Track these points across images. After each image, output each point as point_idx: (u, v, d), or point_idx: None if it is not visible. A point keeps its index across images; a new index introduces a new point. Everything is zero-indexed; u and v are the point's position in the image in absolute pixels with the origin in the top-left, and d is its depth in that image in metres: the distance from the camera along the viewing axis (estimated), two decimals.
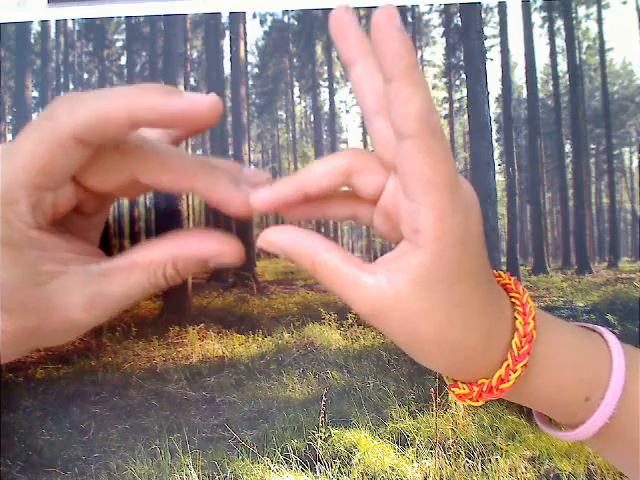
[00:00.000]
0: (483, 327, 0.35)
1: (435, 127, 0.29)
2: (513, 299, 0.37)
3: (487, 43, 0.92)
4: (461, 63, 0.93)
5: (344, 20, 0.37)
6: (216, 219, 0.96)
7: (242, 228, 0.96)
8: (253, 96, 0.95)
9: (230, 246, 0.32)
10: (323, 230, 1.14)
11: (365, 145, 0.97)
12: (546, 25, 0.92)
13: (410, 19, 0.93)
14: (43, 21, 0.91)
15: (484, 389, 0.36)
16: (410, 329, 0.33)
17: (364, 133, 0.98)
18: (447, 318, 0.33)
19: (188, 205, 0.95)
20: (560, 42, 0.92)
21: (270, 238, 0.34)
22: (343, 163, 0.34)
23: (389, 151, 0.33)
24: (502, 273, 0.41)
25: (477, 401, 0.38)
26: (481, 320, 0.34)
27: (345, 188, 0.36)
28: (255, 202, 0.34)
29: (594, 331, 0.43)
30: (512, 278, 0.40)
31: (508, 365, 0.35)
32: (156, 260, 0.31)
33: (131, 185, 0.32)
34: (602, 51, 0.91)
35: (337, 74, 0.97)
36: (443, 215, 0.30)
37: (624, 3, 0.89)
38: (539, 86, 0.92)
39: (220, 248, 0.32)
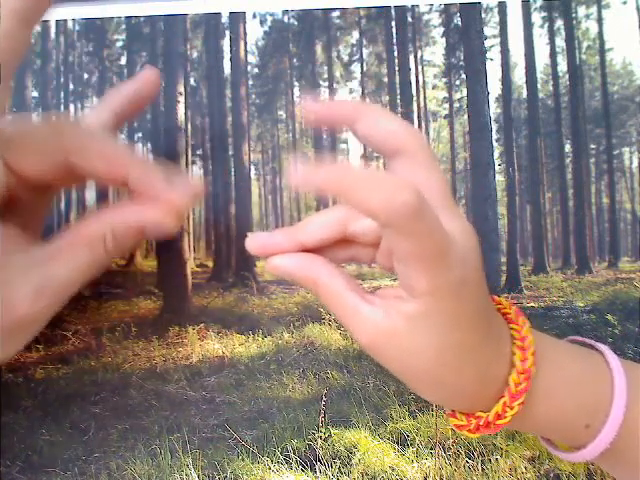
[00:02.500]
0: (478, 367, 0.34)
1: (404, 208, 0.28)
2: (513, 331, 0.37)
3: (487, 43, 0.91)
4: (461, 63, 0.93)
5: (316, 106, 0.36)
6: (216, 219, 0.96)
7: (242, 228, 0.96)
8: (253, 96, 0.95)
9: (169, 214, 0.31)
10: None
11: (365, 147, 0.97)
12: (546, 25, 0.92)
13: (410, 19, 0.93)
14: (43, 21, 0.91)
15: (481, 423, 0.36)
16: (404, 364, 0.34)
17: None
18: (440, 360, 0.33)
19: None
20: (560, 42, 0.92)
21: (276, 263, 0.35)
22: (340, 214, 0.34)
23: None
24: (504, 301, 0.40)
25: (474, 433, 0.38)
26: (476, 361, 0.34)
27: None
28: (250, 245, 0.34)
29: (595, 348, 0.42)
30: (513, 307, 0.39)
31: (505, 402, 0.35)
32: (95, 232, 0.30)
33: (66, 171, 0.31)
34: (602, 51, 0.91)
35: (337, 74, 0.97)
36: (434, 277, 0.31)
37: (624, 3, 0.89)
38: (539, 86, 0.92)
39: (158, 215, 0.31)
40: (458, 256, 0.32)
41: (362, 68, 1.06)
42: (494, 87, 0.89)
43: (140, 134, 1.04)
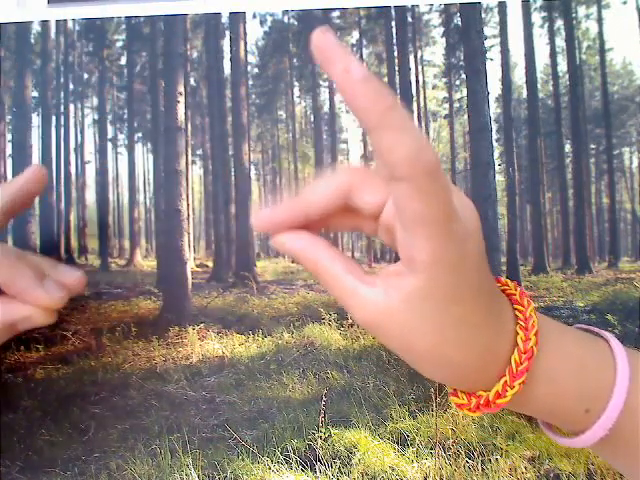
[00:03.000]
0: (480, 345, 0.34)
1: (428, 165, 0.29)
2: (517, 311, 0.37)
3: (487, 43, 0.92)
4: (461, 63, 0.93)
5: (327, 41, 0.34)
6: (216, 219, 0.96)
7: (242, 228, 0.96)
8: (253, 96, 0.95)
9: (38, 311, 0.34)
10: (323, 229, 1.13)
11: (365, 145, 0.97)
12: (546, 25, 0.92)
13: (410, 19, 0.93)
14: (43, 21, 0.91)
15: (481, 402, 0.36)
16: (405, 342, 0.34)
17: (364, 133, 0.98)
18: (440, 337, 0.33)
19: (188, 205, 0.95)
20: (560, 42, 0.92)
21: (282, 239, 0.35)
22: (343, 182, 0.34)
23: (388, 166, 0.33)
24: (510, 282, 0.40)
25: (474, 412, 0.38)
26: (478, 339, 0.34)
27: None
28: (255, 222, 0.35)
29: (600, 336, 0.42)
30: (518, 289, 0.39)
31: (506, 381, 0.35)
32: None
33: None
34: (602, 51, 0.91)
35: None
36: (437, 246, 0.31)
37: (624, 3, 0.89)
38: (539, 86, 0.92)
39: (26, 312, 0.34)
40: (460, 230, 0.32)
41: None
42: (494, 87, 0.89)
43: (140, 134, 1.04)
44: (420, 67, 0.96)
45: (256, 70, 0.93)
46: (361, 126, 0.32)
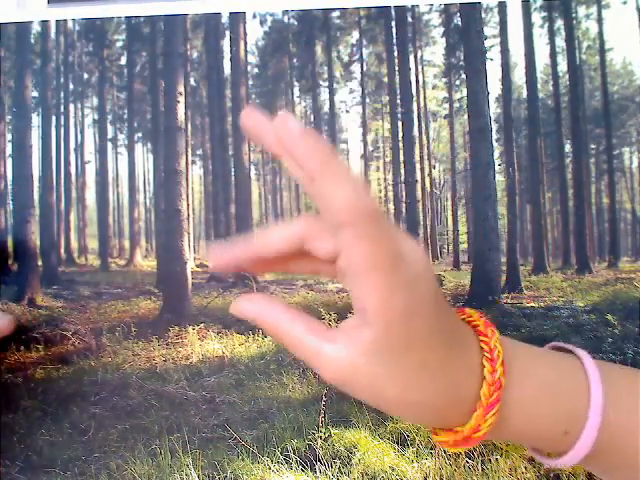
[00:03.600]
0: (445, 384, 0.34)
1: (366, 210, 0.30)
2: (482, 343, 0.37)
3: (487, 43, 0.91)
4: (461, 63, 0.93)
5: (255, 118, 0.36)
6: (216, 219, 0.96)
7: (242, 228, 0.96)
8: (253, 96, 0.95)
9: None
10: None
11: (365, 145, 0.98)
12: (546, 25, 0.92)
13: (410, 19, 0.93)
14: (43, 21, 0.91)
15: (458, 438, 0.36)
16: (374, 392, 0.34)
17: (364, 133, 0.98)
18: (405, 383, 0.34)
19: (188, 205, 0.95)
20: (560, 42, 0.92)
21: (240, 307, 0.36)
22: (297, 230, 0.35)
23: (329, 213, 0.34)
24: (474, 313, 0.40)
25: (455, 448, 0.38)
26: (441, 379, 0.35)
27: None
28: (212, 260, 0.36)
29: (571, 352, 0.42)
30: (482, 319, 0.38)
31: (478, 415, 0.35)
32: None
33: None
34: (602, 51, 0.91)
35: (337, 74, 0.97)
36: (384, 295, 0.31)
37: (624, 3, 0.89)
38: (539, 86, 0.92)
39: None
40: (408, 275, 0.32)
41: (362, 68, 1.06)
42: (494, 87, 0.89)
43: (140, 134, 1.04)
44: (420, 67, 0.96)
45: (256, 70, 0.93)
46: (301, 182, 0.32)
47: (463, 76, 0.89)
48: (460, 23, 0.89)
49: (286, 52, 0.92)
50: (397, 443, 0.83)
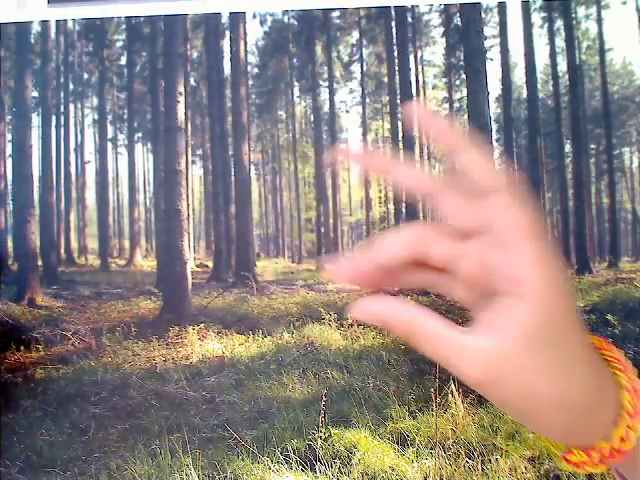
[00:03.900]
0: (597, 383, 0.32)
1: (508, 178, 0.30)
2: (604, 356, 0.35)
3: (487, 43, 0.91)
4: (461, 63, 0.93)
5: (426, 112, 0.37)
6: (216, 219, 0.96)
7: (242, 228, 0.96)
8: (253, 96, 0.95)
9: None
10: (323, 229, 1.13)
11: (365, 145, 0.97)
12: (546, 25, 0.92)
13: (410, 19, 0.93)
14: (43, 21, 0.91)
15: (605, 453, 0.34)
16: (525, 390, 0.31)
17: (364, 133, 0.98)
18: (564, 374, 0.30)
19: (188, 205, 0.95)
20: (560, 42, 0.92)
21: (367, 308, 0.33)
22: (414, 236, 0.33)
23: (464, 218, 0.32)
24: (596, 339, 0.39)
25: (597, 467, 0.35)
26: (594, 376, 0.32)
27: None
28: (334, 274, 0.34)
29: None
30: (595, 335, 0.37)
31: (627, 425, 0.33)
32: None
33: None
34: (602, 51, 0.91)
35: (337, 74, 0.96)
36: (546, 263, 0.29)
37: (624, 3, 0.89)
38: (539, 86, 0.92)
39: None
40: (556, 253, 0.31)
41: (362, 68, 1.06)
42: (494, 87, 0.89)
43: (140, 134, 1.04)
44: (420, 67, 0.96)
45: (256, 70, 0.93)
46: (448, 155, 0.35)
47: (463, 76, 0.89)
48: (460, 23, 0.90)
49: (286, 52, 0.92)
50: (397, 443, 0.83)
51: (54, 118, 0.99)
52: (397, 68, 0.98)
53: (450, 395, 0.98)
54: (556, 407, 0.31)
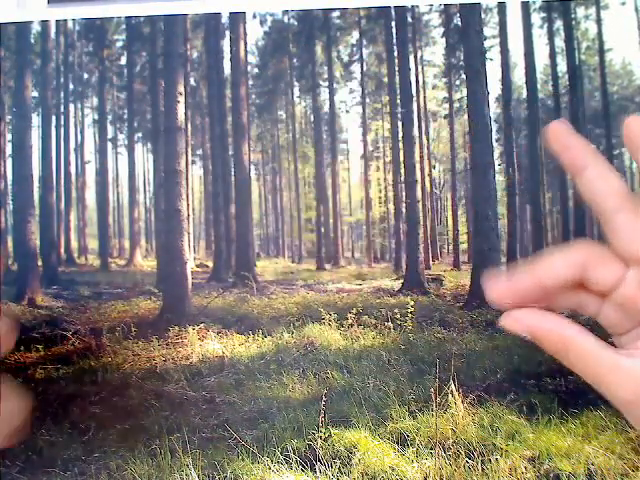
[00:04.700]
0: None
1: None
2: None
3: (487, 43, 0.92)
4: (461, 63, 0.93)
5: (563, 131, 0.36)
6: (216, 219, 0.96)
7: (242, 228, 0.96)
8: (253, 96, 0.95)
9: None
10: (323, 229, 1.13)
11: (365, 145, 0.97)
12: (545, 26, 0.92)
13: (410, 19, 0.93)
14: (43, 21, 0.91)
15: None
16: None
17: (364, 133, 0.98)
18: None
19: (188, 205, 0.95)
20: (559, 42, 0.92)
21: (519, 317, 0.33)
22: (578, 257, 0.34)
23: (635, 244, 0.32)
24: None
25: None
26: None
27: None
28: (494, 294, 0.34)
29: None
30: None
31: None
32: None
33: None
34: (601, 51, 0.91)
35: (337, 74, 0.97)
36: None
37: (623, 4, 0.89)
38: (539, 86, 0.92)
39: None
40: None
41: (362, 68, 1.06)
42: (494, 87, 0.89)
43: (140, 134, 1.04)
44: (420, 67, 0.96)
45: (256, 70, 0.93)
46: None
47: (463, 76, 0.89)
48: (460, 23, 0.90)
49: (286, 52, 0.92)
50: (397, 443, 0.83)
51: (54, 118, 0.99)
52: (397, 68, 0.98)
53: (450, 395, 0.99)
54: None
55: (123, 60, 0.94)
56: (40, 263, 1.10)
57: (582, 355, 0.32)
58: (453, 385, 1.05)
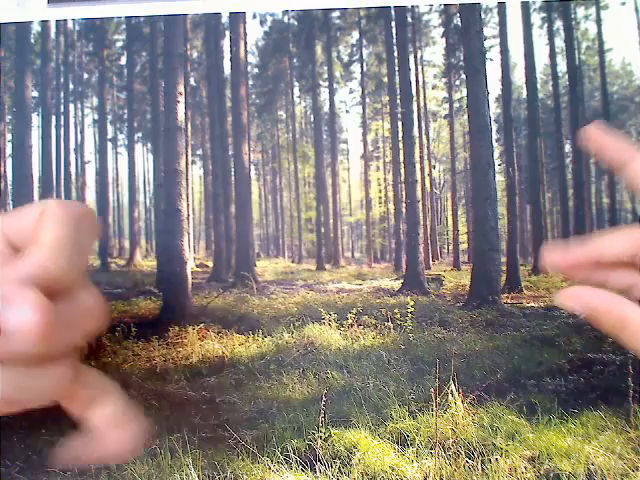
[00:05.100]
0: None
1: None
2: None
3: (487, 43, 0.92)
4: (461, 63, 0.93)
5: (601, 131, 0.38)
6: (216, 219, 0.96)
7: (242, 228, 0.96)
8: (253, 96, 0.95)
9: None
10: (323, 229, 1.13)
11: (365, 145, 0.97)
12: (545, 26, 0.92)
13: (410, 19, 0.93)
14: (43, 21, 0.91)
15: None
16: None
17: (364, 133, 0.98)
18: None
19: (188, 205, 0.95)
20: (559, 42, 0.92)
21: (577, 294, 0.34)
22: (638, 237, 0.35)
23: None
24: None
25: None
26: None
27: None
28: (548, 261, 0.35)
29: None
30: None
31: None
32: None
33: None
34: (601, 51, 0.91)
35: (337, 74, 0.97)
36: None
37: (623, 4, 0.89)
38: (539, 86, 0.92)
39: None
40: None
41: (362, 68, 1.06)
42: (494, 87, 0.89)
43: (140, 134, 1.04)
44: (420, 67, 0.96)
45: (256, 70, 0.93)
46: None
47: (463, 76, 0.89)
48: (460, 23, 0.90)
49: (286, 52, 0.92)
50: (397, 443, 0.83)
51: (54, 118, 0.99)
52: (397, 68, 0.98)
53: (450, 395, 0.99)
54: None
55: (123, 60, 0.94)
56: None
57: (637, 330, 0.32)
58: (453, 385, 1.05)
